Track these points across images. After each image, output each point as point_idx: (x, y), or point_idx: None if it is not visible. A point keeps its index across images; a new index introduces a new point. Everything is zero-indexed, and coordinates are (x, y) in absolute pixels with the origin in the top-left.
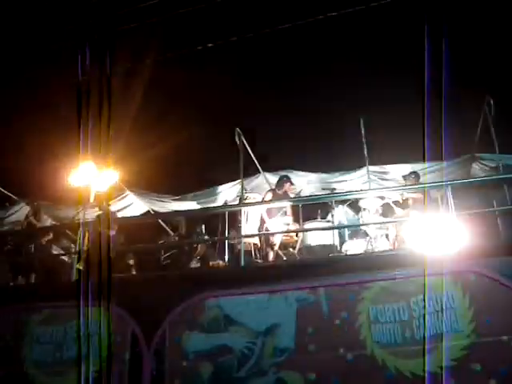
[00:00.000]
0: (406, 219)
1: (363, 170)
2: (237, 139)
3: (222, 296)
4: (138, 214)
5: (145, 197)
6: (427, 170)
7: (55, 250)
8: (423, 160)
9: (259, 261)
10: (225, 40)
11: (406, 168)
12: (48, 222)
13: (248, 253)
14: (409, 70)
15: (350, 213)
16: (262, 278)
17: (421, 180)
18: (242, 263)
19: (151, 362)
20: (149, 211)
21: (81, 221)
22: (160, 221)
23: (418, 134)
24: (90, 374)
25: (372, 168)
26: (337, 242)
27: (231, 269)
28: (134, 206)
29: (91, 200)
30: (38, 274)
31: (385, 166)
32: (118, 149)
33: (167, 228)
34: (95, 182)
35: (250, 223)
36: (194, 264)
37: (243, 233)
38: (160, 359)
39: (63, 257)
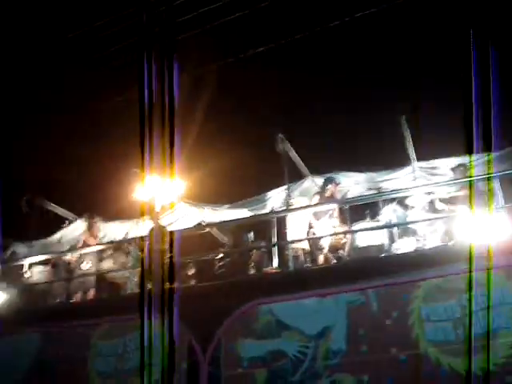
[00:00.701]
0: (454, 215)
1: (410, 167)
2: (280, 145)
3: (273, 302)
4: (191, 226)
5: (197, 207)
6: (475, 163)
7: (113, 265)
8: (471, 152)
9: (308, 265)
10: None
11: (455, 162)
12: (106, 237)
13: (297, 258)
14: (453, 60)
15: (400, 211)
16: (311, 281)
17: (468, 173)
18: (291, 268)
19: (208, 370)
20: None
21: (138, 236)
22: (213, 231)
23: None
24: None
25: (419, 164)
26: (386, 242)
27: (281, 274)
28: (185, 217)
29: (158, 212)
30: (96, 290)
31: (432, 161)
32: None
33: (222, 237)
34: (160, 194)
35: (297, 228)
36: (250, 271)
37: (291, 238)
38: (216, 367)
39: (121, 272)
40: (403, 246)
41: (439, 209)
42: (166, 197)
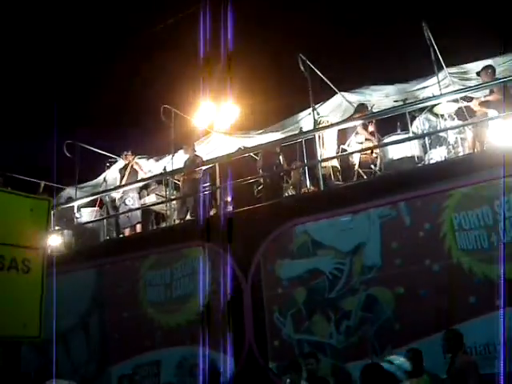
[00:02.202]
0: (483, 119)
1: (442, 74)
2: (301, 66)
3: (307, 222)
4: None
5: (231, 136)
6: (506, 65)
7: (158, 199)
8: (501, 53)
9: (340, 183)
10: None
11: (484, 64)
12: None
13: (328, 177)
14: None
15: (433, 120)
16: (343, 199)
17: (497, 75)
18: (322, 187)
19: (250, 293)
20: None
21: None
22: (252, 155)
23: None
24: (198, 308)
25: (450, 70)
26: (419, 153)
27: (314, 194)
28: (221, 146)
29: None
30: (143, 223)
31: (463, 66)
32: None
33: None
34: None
35: (326, 147)
36: (289, 192)
37: (320, 157)
38: (257, 289)
39: (163, 205)
40: (435, 155)
41: (468, 115)
42: (222, 122)
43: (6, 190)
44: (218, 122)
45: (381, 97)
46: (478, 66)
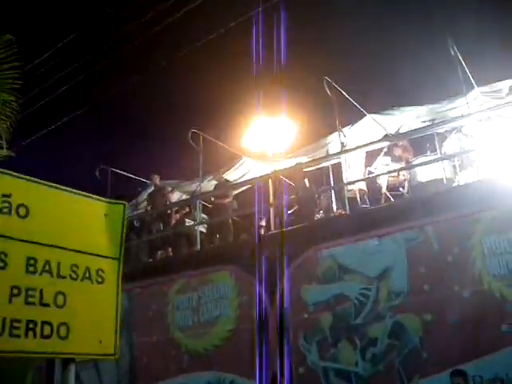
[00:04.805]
0: None
1: (474, 93)
2: (327, 89)
3: (333, 246)
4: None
5: (260, 161)
6: None
7: (188, 223)
8: None
9: (366, 206)
10: None
11: None
12: (181, 196)
13: (355, 200)
14: None
15: (464, 140)
16: (370, 223)
17: None
18: (348, 211)
19: (275, 317)
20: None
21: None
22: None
23: None
24: (224, 333)
25: (482, 89)
26: (450, 175)
27: (339, 217)
28: (251, 172)
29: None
30: (174, 247)
31: (495, 84)
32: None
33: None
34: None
35: (353, 170)
36: (319, 216)
37: (346, 180)
38: (283, 314)
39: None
40: (465, 177)
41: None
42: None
43: (78, 191)
44: (273, 140)
45: (411, 118)
46: (509, 84)
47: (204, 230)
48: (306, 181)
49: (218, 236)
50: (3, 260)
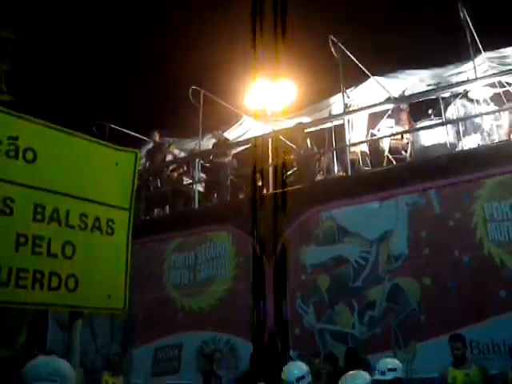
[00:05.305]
0: None
1: (480, 58)
2: (332, 49)
3: (334, 207)
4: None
5: (261, 121)
6: None
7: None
8: None
9: (368, 168)
10: None
11: None
12: (179, 153)
13: (357, 162)
14: None
15: (469, 106)
16: (371, 185)
17: None
18: (350, 172)
19: (273, 278)
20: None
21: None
22: (282, 139)
23: None
24: (220, 293)
25: (488, 54)
26: (452, 140)
27: (340, 179)
28: (251, 131)
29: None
30: (171, 205)
31: (502, 50)
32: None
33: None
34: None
35: (355, 131)
36: (320, 177)
37: (348, 142)
38: (281, 274)
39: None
40: (469, 142)
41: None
42: (278, 101)
43: (89, 137)
44: (272, 100)
45: (415, 81)
46: None
47: (202, 189)
48: (308, 141)
49: (215, 195)
50: (9, 206)
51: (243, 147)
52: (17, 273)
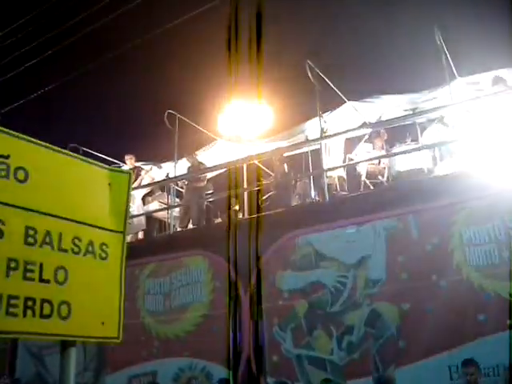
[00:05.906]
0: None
1: (456, 83)
2: (309, 73)
3: (311, 232)
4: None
5: (236, 143)
6: None
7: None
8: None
9: (345, 193)
10: None
11: (496, 75)
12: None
13: (334, 187)
14: None
15: (444, 131)
16: (348, 210)
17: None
18: (327, 197)
19: (249, 304)
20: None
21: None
22: (257, 163)
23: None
24: (196, 319)
25: (465, 79)
26: (428, 165)
27: (317, 204)
28: (225, 154)
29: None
30: (146, 231)
31: (477, 76)
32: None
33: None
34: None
35: (332, 156)
36: (295, 202)
37: (325, 167)
38: (257, 300)
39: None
40: (445, 168)
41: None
42: (254, 123)
43: (81, 156)
44: (248, 124)
45: (391, 106)
46: (489, 76)
47: (177, 214)
48: (286, 166)
49: (190, 220)
50: (0, 229)
51: (218, 172)
52: (7, 300)
